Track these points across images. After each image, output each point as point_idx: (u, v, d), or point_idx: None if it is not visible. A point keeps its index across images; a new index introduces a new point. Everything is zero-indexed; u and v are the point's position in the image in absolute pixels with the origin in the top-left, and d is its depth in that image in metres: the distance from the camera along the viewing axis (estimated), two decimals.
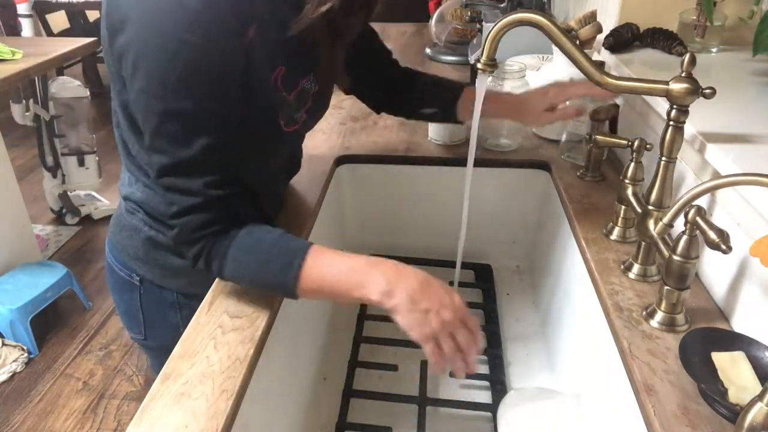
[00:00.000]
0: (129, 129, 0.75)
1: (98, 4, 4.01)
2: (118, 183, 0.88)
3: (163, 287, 0.88)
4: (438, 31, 1.93)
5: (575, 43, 0.74)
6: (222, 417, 0.59)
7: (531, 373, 1.00)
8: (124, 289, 0.91)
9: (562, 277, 1.01)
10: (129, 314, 0.94)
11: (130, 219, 0.85)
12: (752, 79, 0.98)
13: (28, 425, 1.78)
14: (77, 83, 2.62)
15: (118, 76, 0.68)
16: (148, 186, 0.80)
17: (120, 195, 0.88)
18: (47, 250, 2.62)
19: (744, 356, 0.61)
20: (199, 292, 0.81)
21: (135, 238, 0.85)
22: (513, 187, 1.19)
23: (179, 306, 0.89)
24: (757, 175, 0.55)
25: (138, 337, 0.95)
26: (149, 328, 0.93)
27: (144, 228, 0.84)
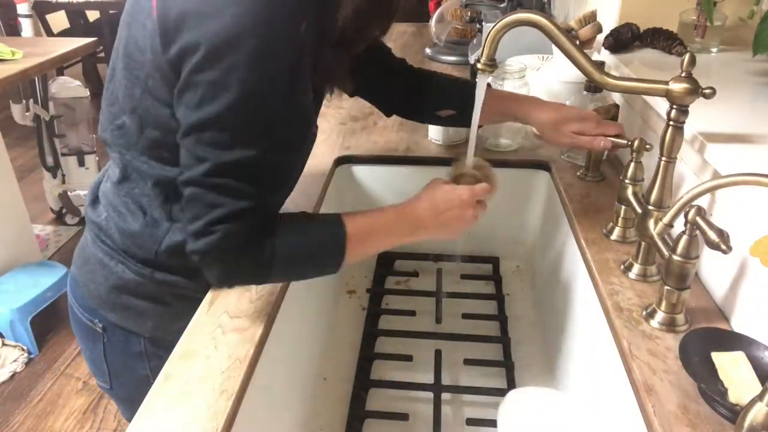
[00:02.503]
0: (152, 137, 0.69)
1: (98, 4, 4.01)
2: (86, 206, 0.82)
3: (129, 333, 0.81)
4: (438, 31, 1.93)
5: (575, 43, 0.74)
6: (222, 417, 0.59)
7: (531, 373, 1.00)
8: (87, 336, 0.84)
9: (562, 277, 1.01)
10: (93, 362, 0.87)
11: (96, 251, 0.79)
12: (752, 79, 0.98)
13: (28, 425, 1.78)
14: (77, 83, 2.62)
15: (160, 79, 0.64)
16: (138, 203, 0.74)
17: (87, 222, 0.81)
18: (47, 250, 2.62)
19: (744, 356, 0.61)
20: (166, 337, 0.77)
21: (98, 274, 0.79)
22: (513, 187, 1.19)
23: (147, 356, 0.82)
24: (757, 175, 0.55)
25: (104, 386, 0.89)
26: (115, 378, 0.86)
27: (111, 263, 0.77)
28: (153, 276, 0.76)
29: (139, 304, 0.78)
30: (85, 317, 0.83)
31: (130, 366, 0.83)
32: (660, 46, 1.13)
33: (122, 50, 0.69)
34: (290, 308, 0.81)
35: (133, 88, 0.68)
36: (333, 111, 1.41)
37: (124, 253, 0.77)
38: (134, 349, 0.82)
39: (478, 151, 1.19)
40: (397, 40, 2.15)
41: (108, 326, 0.81)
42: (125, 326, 0.81)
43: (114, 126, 0.73)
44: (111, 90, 0.73)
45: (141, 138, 0.70)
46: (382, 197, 1.16)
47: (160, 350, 0.79)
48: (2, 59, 1.90)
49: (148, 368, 0.82)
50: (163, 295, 0.78)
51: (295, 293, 0.82)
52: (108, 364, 0.85)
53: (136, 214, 0.74)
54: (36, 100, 2.48)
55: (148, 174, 0.72)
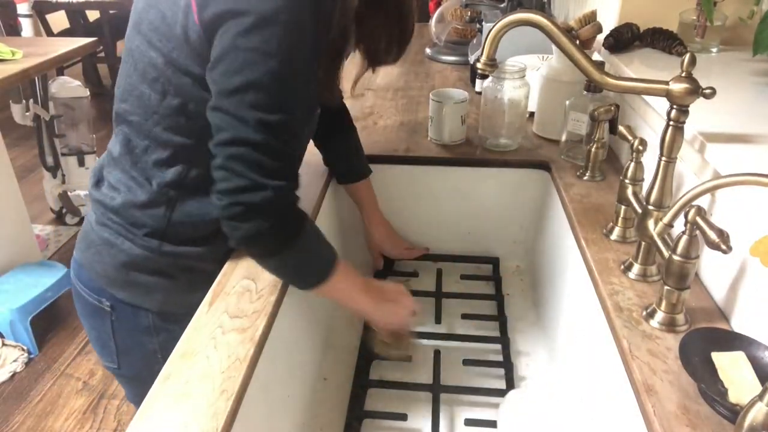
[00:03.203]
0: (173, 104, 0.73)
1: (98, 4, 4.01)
2: (90, 188, 0.83)
3: (138, 308, 0.83)
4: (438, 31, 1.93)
5: (575, 43, 0.74)
6: (222, 417, 0.59)
7: (531, 372, 1.00)
8: (94, 315, 0.86)
9: (562, 277, 1.01)
10: (100, 342, 0.88)
11: (100, 232, 0.81)
12: (752, 79, 0.98)
13: (28, 425, 1.78)
14: (77, 83, 2.62)
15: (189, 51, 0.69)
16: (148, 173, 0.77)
17: (92, 203, 0.83)
18: (47, 250, 2.62)
19: (744, 356, 0.61)
20: (175, 311, 0.81)
21: (105, 254, 0.80)
22: (513, 187, 1.19)
23: (156, 330, 0.84)
24: (757, 175, 0.55)
25: (111, 366, 0.90)
26: (123, 357, 0.87)
27: (117, 240, 0.79)
28: (160, 249, 0.79)
29: (148, 279, 0.80)
30: (92, 298, 0.84)
31: (139, 342, 0.85)
32: (660, 46, 1.13)
33: (145, 26, 0.72)
34: (290, 308, 0.81)
35: (155, 60, 0.72)
36: None
37: (131, 227, 0.79)
38: (143, 324, 0.83)
39: (478, 151, 1.19)
40: None
41: (116, 304, 0.83)
42: (134, 302, 0.82)
43: (133, 97, 0.76)
44: (130, 63, 0.76)
45: (161, 106, 0.73)
46: (382, 197, 1.16)
47: (168, 324, 0.83)
48: (2, 59, 1.90)
49: (156, 343, 0.84)
50: (171, 268, 0.81)
51: (295, 293, 0.82)
52: (116, 343, 0.86)
53: (144, 185, 0.77)
54: (36, 100, 2.48)
55: (165, 141, 0.75)
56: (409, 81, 1.66)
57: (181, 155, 0.76)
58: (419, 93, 1.54)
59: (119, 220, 0.79)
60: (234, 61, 0.64)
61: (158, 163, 0.76)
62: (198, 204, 0.78)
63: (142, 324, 0.84)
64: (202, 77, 0.69)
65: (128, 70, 0.76)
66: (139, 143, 0.77)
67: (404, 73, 1.73)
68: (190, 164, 0.76)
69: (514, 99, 1.15)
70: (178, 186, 0.77)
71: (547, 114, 1.21)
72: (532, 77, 1.21)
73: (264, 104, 0.65)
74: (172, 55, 0.70)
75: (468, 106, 1.20)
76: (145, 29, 0.72)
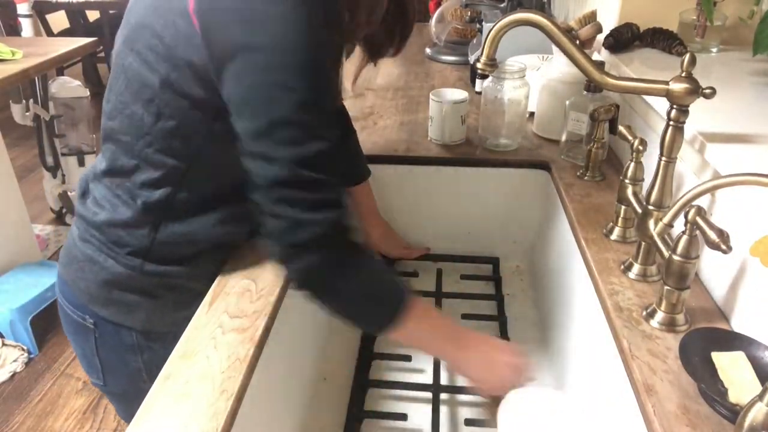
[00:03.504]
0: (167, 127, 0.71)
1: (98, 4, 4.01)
2: (77, 204, 0.82)
3: (121, 327, 0.81)
4: (438, 31, 1.93)
5: (575, 43, 0.74)
6: (222, 417, 0.59)
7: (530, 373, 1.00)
8: (78, 332, 0.85)
9: (562, 277, 1.01)
10: (86, 359, 0.87)
11: (83, 248, 0.79)
12: (752, 79, 0.98)
13: (28, 425, 1.78)
14: (77, 83, 2.62)
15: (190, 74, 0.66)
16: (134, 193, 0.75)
17: (76, 216, 0.81)
18: (47, 250, 2.62)
19: (744, 356, 0.61)
20: (159, 330, 0.80)
21: (88, 270, 0.79)
22: (513, 187, 1.19)
23: (139, 349, 0.82)
24: (757, 175, 0.55)
25: (98, 383, 0.88)
26: (108, 374, 0.86)
27: (99, 258, 0.77)
28: (143, 268, 0.77)
29: (130, 298, 0.79)
30: (76, 314, 0.83)
31: (123, 360, 0.83)
32: (660, 46, 1.13)
33: (141, 45, 0.69)
34: (290, 308, 0.81)
35: (151, 81, 0.69)
36: None
37: (113, 245, 0.77)
38: (126, 343, 0.82)
39: (478, 151, 1.19)
40: None
41: (99, 321, 0.81)
42: (116, 321, 0.81)
43: (123, 115, 0.73)
44: (122, 81, 0.72)
45: (154, 128, 0.71)
46: (382, 197, 1.16)
47: (152, 342, 0.81)
48: (2, 59, 1.90)
49: (140, 361, 0.82)
50: (154, 287, 0.79)
51: (295, 293, 0.82)
52: (100, 360, 0.84)
53: (128, 204, 0.75)
54: (36, 100, 2.48)
55: (156, 162, 0.73)
56: (409, 81, 1.66)
57: (170, 177, 0.73)
58: (419, 93, 1.54)
59: (102, 237, 0.77)
60: (256, 101, 0.62)
61: (146, 184, 0.74)
62: (183, 226, 0.76)
63: (125, 342, 0.82)
64: (200, 100, 0.68)
65: (119, 88, 0.73)
66: (126, 163, 0.74)
67: (404, 73, 1.73)
68: (179, 186, 0.74)
69: (514, 99, 1.15)
70: (165, 207, 0.75)
71: (547, 114, 1.21)
72: (532, 77, 1.21)
73: (295, 139, 0.62)
74: (170, 77, 0.68)
75: (468, 106, 1.20)
76: (141, 48, 0.69)
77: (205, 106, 0.68)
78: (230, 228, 0.79)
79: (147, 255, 0.76)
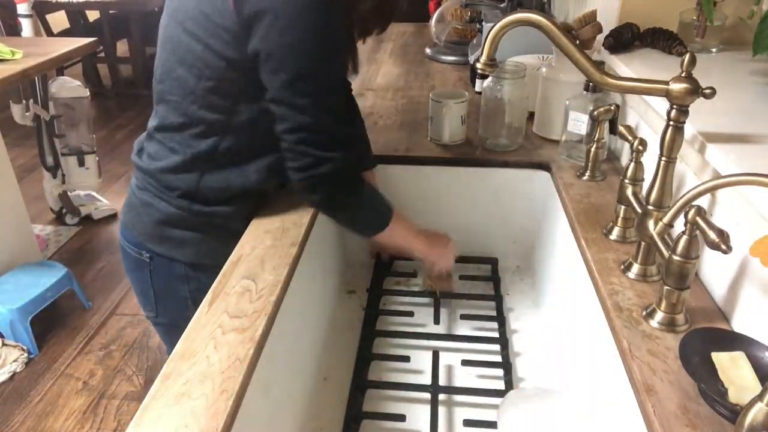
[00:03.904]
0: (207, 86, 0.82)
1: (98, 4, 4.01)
2: (132, 156, 0.95)
3: (172, 260, 0.93)
4: (438, 31, 1.93)
5: (575, 43, 0.74)
6: (222, 417, 0.59)
7: (531, 373, 1.00)
8: (136, 267, 0.97)
9: (561, 277, 1.01)
10: (141, 292, 1.00)
11: (141, 195, 0.93)
12: (752, 79, 0.98)
13: (28, 425, 1.78)
14: (77, 83, 2.62)
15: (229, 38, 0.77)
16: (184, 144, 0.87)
17: (134, 170, 0.94)
18: (47, 250, 2.62)
19: (744, 356, 0.61)
20: (205, 262, 0.91)
21: (144, 213, 0.92)
22: (513, 187, 1.19)
23: (187, 279, 0.94)
24: (757, 175, 0.55)
25: (150, 314, 1.02)
26: (160, 304, 0.99)
27: (153, 201, 0.91)
28: (191, 208, 0.90)
29: (181, 234, 0.92)
30: (134, 252, 0.96)
31: (173, 288, 0.96)
32: (660, 46, 1.13)
33: (185, 18, 0.81)
34: (290, 308, 0.81)
35: (194, 47, 0.81)
36: None
37: (165, 189, 0.90)
38: (176, 273, 0.94)
39: (478, 151, 1.19)
40: (397, 40, 2.15)
41: (154, 256, 0.94)
42: (169, 255, 0.94)
43: (171, 79, 0.86)
44: (168, 50, 0.85)
45: (197, 87, 0.83)
46: None
47: (198, 273, 0.94)
48: (2, 59, 1.90)
49: (187, 291, 0.95)
50: (202, 225, 0.91)
51: (295, 293, 0.82)
52: (154, 290, 0.98)
53: (179, 153, 0.88)
54: (36, 100, 2.48)
55: (200, 118, 0.85)
56: (409, 81, 1.66)
57: (214, 130, 0.86)
58: (419, 93, 1.54)
59: (155, 183, 0.90)
60: (279, 58, 0.76)
61: (193, 136, 0.86)
62: (225, 173, 0.89)
63: (175, 273, 0.94)
64: (235, 60, 0.79)
65: (166, 56, 0.86)
66: (176, 119, 0.86)
67: (404, 73, 1.73)
68: (222, 137, 0.86)
69: (514, 99, 1.15)
70: (210, 156, 0.87)
71: (547, 114, 1.21)
72: (532, 77, 1.21)
73: (313, 91, 0.78)
74: (210, 41, 0.79)
75: (468, 106, 1.20)
76: (184, 18, 0.81)
77: (240, 67, 0.80)
78: (264, 176, 0.91)
79: (194, 197, 0.89)
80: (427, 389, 0.93)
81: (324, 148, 0.81)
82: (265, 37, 0.75)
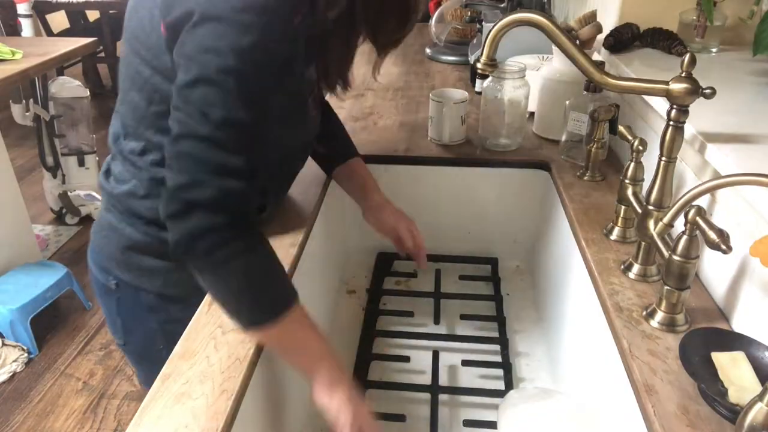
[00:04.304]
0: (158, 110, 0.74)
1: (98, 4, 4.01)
2: (100, 177, 0.87)
3: (139, 288, 0.86)
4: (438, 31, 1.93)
5: (575, 43, 0.74)
6: (222, 417, 0.59)
7: (531, 373, 1.00)
8: (104, 294, 0.91)
9: (561, 277, 1.01)
10: (110, 319, 0.93)
11: (107, 217, 0.85)
12: (752, 79, 0.98)
13: (28, 425, 1.78)
14: (77, 83, 2.62)
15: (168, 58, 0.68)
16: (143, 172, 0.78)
17: (101, 192, 0.87)
18: (47, 250, 2.62)
19: (744, 356, 0.61)
20: (174, 293, 0.84)
21: (111, 237, 0.85)
22: (513, 187, 1.19)
23: (155, 309, 0.87)
24: (757, 175, 0.55)
25: (120, 342, 0.95)
26: (128, 334, 0.92)
27: (120, 225, 0.83)
28: (159, 235, 0.80)
29: (148, 262, 0.84)
30: (101, 277, 0.89)
31: (141, 319, 0.89)
32: (660, 46, 1.13)
33: (129, 34, 0.74)
34: None
35: (140, 67, 0.74)
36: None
37: (131, 215, 0.82)
38: (144, 303, 0.87)
39: (478, 151, 1.19)
40: None
41: (120, 283, 0.87)
42: (136, 284, 0.86)
43: (126, 102, 0.79)
44: (123, 71, 0.78)
45: (148, 112, 0.76)
46: None
47: (167, 304, 0.86)
48: (2, 59, 1.90)
49: (155, 322, 0.88)
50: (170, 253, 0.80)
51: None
52: (122, 320, 0.91)
53: (142, 181, 0.80)
54: (36, 100, 2.48)
55: (157, 143, 0.77)
56: (409, 81, 1.66)
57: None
58: (419, 93, 1.54)
59: (121, 207, 0.83)
60: (186, 58, 0.64)
61: (153, 163, 0.78)
62: None
63: (143, 303, 0.87)
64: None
65: (122, 78, 0.79)
66: (135, 144, 0.79)
67: (404, 73, 1.73)
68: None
69: (514, 99, 1.15)
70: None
71: (547, 114, 1.21)
72: (532, 77, 1.21)
73: (213, 99, 0.62)
74: (154, 62, 0.71)
75: (468, 106, 1.20)
76: (131, 39, 0.74)
77: None
78: None
79: (161, 224, 0.76)
80: (427, 389, 0.93)
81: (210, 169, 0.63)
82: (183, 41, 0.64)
